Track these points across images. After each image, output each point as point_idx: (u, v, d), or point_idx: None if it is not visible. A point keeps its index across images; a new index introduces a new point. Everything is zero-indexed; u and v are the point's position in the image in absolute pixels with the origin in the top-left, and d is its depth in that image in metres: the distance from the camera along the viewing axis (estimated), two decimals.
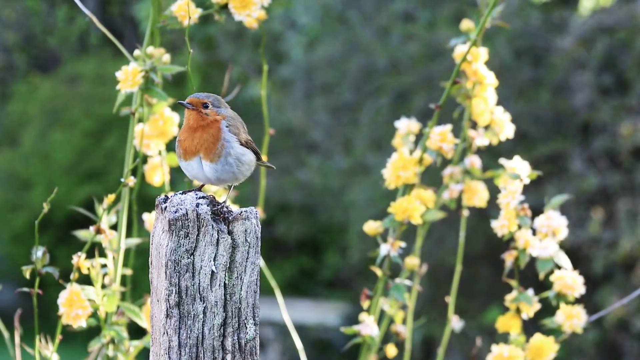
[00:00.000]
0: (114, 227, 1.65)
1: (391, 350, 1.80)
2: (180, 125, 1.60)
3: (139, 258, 1.81)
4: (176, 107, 1.58)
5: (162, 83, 1.69)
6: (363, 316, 1.71)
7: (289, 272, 7.24)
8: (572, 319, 1.66)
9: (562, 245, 1.68)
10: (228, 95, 1.81)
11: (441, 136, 1.68)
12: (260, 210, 1.91)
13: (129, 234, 1.71)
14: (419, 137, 1.77)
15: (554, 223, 1.66)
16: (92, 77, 8.16)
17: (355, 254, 5.78)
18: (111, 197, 1.54)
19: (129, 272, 1.71)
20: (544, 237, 1.65)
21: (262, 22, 1.69)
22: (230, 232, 1.23)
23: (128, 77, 1.61)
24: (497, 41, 4.62)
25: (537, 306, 1.68)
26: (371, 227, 1.71)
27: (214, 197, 1.27)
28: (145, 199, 2.09)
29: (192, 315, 1.22)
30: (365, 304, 1.71)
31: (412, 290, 1.83)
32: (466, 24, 1.75)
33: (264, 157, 1.73)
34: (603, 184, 4.27)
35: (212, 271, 1.23)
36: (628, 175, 4.25)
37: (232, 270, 1.23)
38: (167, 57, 1.66)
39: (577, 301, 1.67)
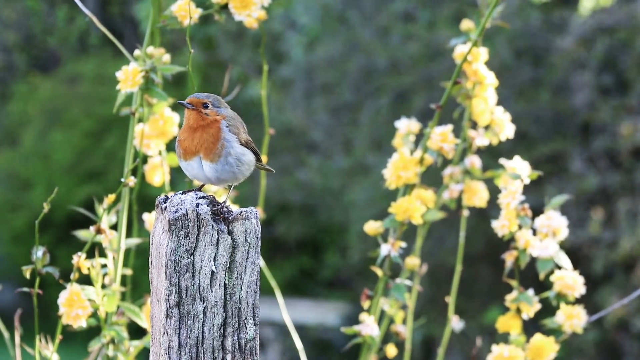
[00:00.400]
0: (114, 227, 1.65)
1: (391, 350, 1.80)
2: (180, 125, 1.60)
3: (139, 258, 1.81)
4: (176, 107, 1.58)
5: (162, 83, 1.69)
6: (363, 316, 1.72)
7: (289, 272, 7.24)
8: (573, 319, 1.66)
9: (562, 245, 1.68)
10: (228, 95, 1.81)
11: (442, 136, 1.69)
12: (260, 210, 1.91)
13: (129, 234, 1.71)
14: (419, 137, 1.78)
15: (554, 223, 1.65)
16: (92, 77, 8.16)
17: (355, 254, 5.79)
18: (111, 197, 1.54)
19: (129, 272, 1.71)
20: (544, 237, 1.66)
21: (262, 22, 1.69)
22: (230, 232, 1.23)
23: (128, 77, 1.61)
24: (497, 41, 4.61)
25: (538, 306, 1.68)
26: (372, 227, 1.71)
27: (214, 197, 1.27)
28: (145, 199, 2.09)
29: (192, 315, 1.22)
30: (365, 304, 1.72)
31: (412, 290, 1.83)
32: (466, 24, 1.76)
33: (264, 158, 1.74)
34: (603, 184, 4.27)
35: (212, 271, 1.22)
36: (628, 175, 4.25)
37: (232, 270, 1.23)
38: (167, 57, 1.66)
39: (577, 301, 1.68)
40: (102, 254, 1.62)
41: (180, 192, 1.28)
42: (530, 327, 1.74)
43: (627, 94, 4.31)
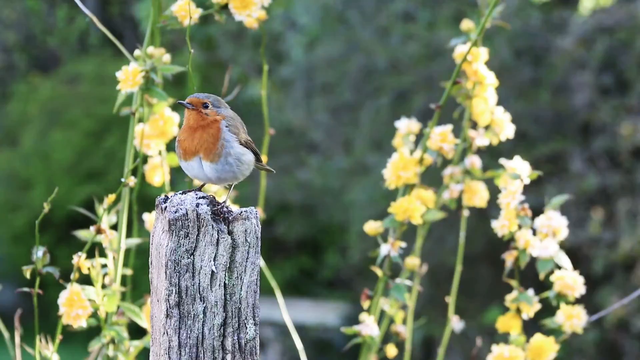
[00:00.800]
0: (114, 227, 1.65)
1: (391, 350, 1.80)
2: (180, 125, 1.60)
3: (139, 258, 1.81)
4: (176, 107, 1.58)
5: (162, 83, 1.69)
6: (363, 316, 1.72)
7: (288, 272, 7.24)
8: (573, 319, 1.66)
9: (562, 246, 1.67)
10: (228, 95, 1.81)
11: (442, 136, 1.70)
12: (260, 210, 1.91)
13: (129, 234, 1.71)
14: (419, 137, 1.78)
15: (554, 223, 1.65)
16: (92, 77, 8.16)
17: (355, 254, 5.80)
18: (111, 197, 1.54)
19: (129, 272, 1.70)
20: (544, 237, 1.66)
21: (262, 22, 1.69)
22: (230, 232, 1.23)
23: (128, 77, 1.61)
24: (497, 41, 4.61)
25: (538, 306, 1.69)
26: (372, 227, 1.71)
27: (214, 197, 1.27)
28: (146, 199, 2.09)
29: (192, 315, 1.22)
30: (365, 304, 1.72)
31: (412, 290, 1.83)
32: (466, 24, 1.76)
33: (264, 158, 1.74)
34: (603, 184, 4.27)
35: (212, 271, 1.22)
36: (628, 176, 4.25)
37: (232, 270, 1.23)
38: (167, 57, 1.66)
39: (577, 301, 1.68)
40: (102, 254, 1.62)
41: (180, 192, 1.28)
42: (530, 327, 1.74)
43: (627, 94, 4.31)
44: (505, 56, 4.62)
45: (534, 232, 1.67)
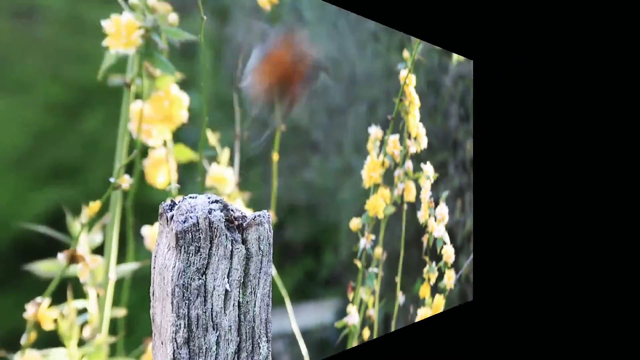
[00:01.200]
0: (99, 250, 1.27)
1: (366, 333, 2.21)
2: (190, 109, 1.38)
3: (135, 288, 1.48)
4: (185, 85, 1.36)
5: (168, 50, 1.42)
6: (349, 308, 2.18)
7: (297, 276, 7.40)
8: (450, 279, 2.64)
9: (446, 227, 2.62)
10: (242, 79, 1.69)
11: (393, 144, 2.33)
12: (272, 213, 1.83)
13: (121, 259, 1.33)
14: (382, 143, 2.29)
15: (444, 212, 2.69)
16: (60, 18, 7.81)
17: (344, 250, 6.81)
18: (94, 206, 1.23)
19: (121, 312, 1.33)
20: (439, 223, 2.56)
21: (275, 5, 1.60)
22: (244, 241, 1.12)
23: (121, 32, 1.31)
24: (420, 72, 6.28)
25: (436, 274, 2.54)
26: (354, 223, 2.31)
27: (226, 202, 1.16)
28: (145, 206, 1.82)
29: (204, 350, 1.09)
30: (350, 295, 2.24)
31: (377, 276, 2.41)
32: (406, 54, 2.40)
33: (275, 155, 1.77)
34: (461, 183, 6.26)
35: (226, 290, 1.11)
36: (468, 178, 6.58)
37: (245, 285, 1.13)
38: (174, 18, 1.41)
39: (451, 266, 2.61)
40: (80, 294, 1.23)
41: (189, 195, 1.12)
42: (433, 290, 2.68)
43: (468, 123, 6.71)
44: (422, 84, 6.36)
45: (435, 219, 2.53)
